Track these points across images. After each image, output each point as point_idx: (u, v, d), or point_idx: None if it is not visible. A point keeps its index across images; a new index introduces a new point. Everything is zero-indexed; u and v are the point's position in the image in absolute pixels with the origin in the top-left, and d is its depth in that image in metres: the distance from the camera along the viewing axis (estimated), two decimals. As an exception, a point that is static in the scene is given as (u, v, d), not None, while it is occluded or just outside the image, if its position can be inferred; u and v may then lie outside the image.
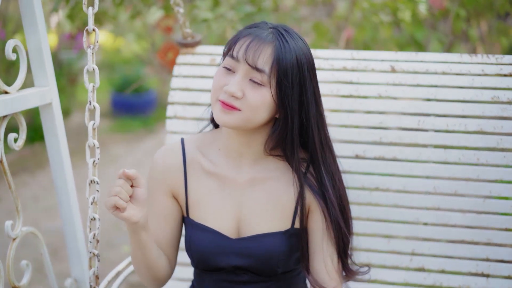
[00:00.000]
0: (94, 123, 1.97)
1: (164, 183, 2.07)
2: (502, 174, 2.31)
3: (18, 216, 2.19)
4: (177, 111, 2.56)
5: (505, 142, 2.30)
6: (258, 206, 2.00)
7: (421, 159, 2.37)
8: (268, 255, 1.98)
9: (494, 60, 2.37)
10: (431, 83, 2.38)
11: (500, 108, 2.31)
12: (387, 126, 2.39)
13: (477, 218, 2.34)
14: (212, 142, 2.07)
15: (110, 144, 7.60)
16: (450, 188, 2.35)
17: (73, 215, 2.42)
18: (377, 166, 2.40)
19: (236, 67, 1.88)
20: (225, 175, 2.02)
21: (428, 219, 2.38)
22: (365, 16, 3.83)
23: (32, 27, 2.22)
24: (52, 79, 2.29)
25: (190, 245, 2.03)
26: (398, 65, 2.42)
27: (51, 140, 2.34)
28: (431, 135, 2.36)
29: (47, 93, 2.26)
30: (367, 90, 2.41)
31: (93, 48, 1.93)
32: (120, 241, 4.68)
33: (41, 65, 2.26)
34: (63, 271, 2.60)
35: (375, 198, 2.41)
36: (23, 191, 5.55)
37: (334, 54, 2.50)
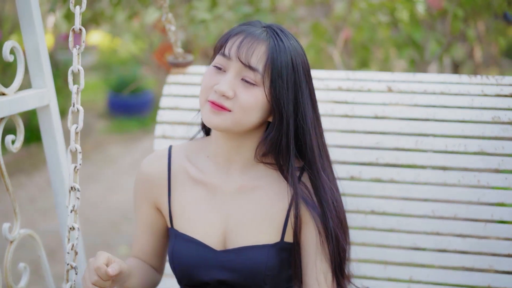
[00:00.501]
0: (77, 126, 1.88)
1: (147, 194, 2.00)
2: (504, 197, 2.21)
3: (16, 218, 2.17)
4: (166, 131, 2.47)
5: (507, 164, 2.21)
6: (246, 216, 1.90)
7: (419, 181, 2.28)
8: (254, 270, 1.86)
9: (494, 81, 2.30)
10: (429, 103, 2.30)
11: (501, 128, 2.23)
12: (384, 146, 2.30)
13: (478, 244, 2.23)
14: (201, 149, 1.99)
15: (107, 144, 7.67)
16: (450, 211, 2.25)
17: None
18: (373, 188, 2.30)
19: (227, 65, 1.80)
20: (213, 183, 1.93)
21: (426, 244, 2.27)
22: (363, 17, 3.79)
23: (29, 28, 2.19)
24: (50, 81, 2.26)
25: (173, 257, 1.93)
26: (395, 85, 2.35)
27: (48, 142, 2.30)
28: (429, 156, 2.27)
29: (44, 94, 2.23)
30: (363, 110, 2.34)
31: (79, 48, 1.87)
32: (118, 242, 4.68)
33: (39, 67, 2.23)
34: (61, 272, 2.55)
35: (370, 222, 2.30)
36: (20, 192, 5.60)
37: (329, 75, 2.44)
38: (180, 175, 1.97)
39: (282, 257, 1.89)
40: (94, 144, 7.73)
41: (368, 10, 3.71)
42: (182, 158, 1.99)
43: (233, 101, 1.78)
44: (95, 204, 5.60)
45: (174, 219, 1.96)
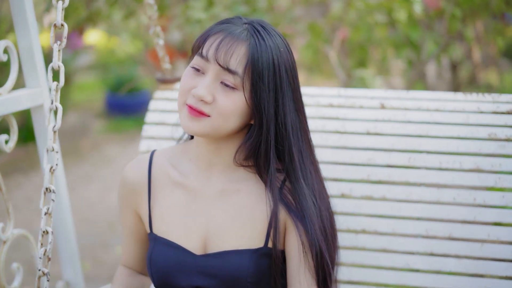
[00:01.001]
0: (54, 125, 1.81)
1: (129, 200, 1.94)
2: (501, 215, 2.12)
3: (9, 218, 2.15)
4: (151, 146, 2.40)
5: (504, 181, 2.13)
6: (228, 220, 1.81)
7: (412, 199, 2.19)
8: (235, 275, 1.77)
9: (490, 98, 2.24)
10: (423, 120, 2.23)
11: (498, 145, 2.15)
12: (376, 163, 2.22)
13: (474, 265, 2.13)
14: (184, 152, 1.92)
15: (104, 144, 7.63)
16: (444, 231, 2.16)
17: (65, 217, 2.38)
18: (364, 206, 2.22)
19: (205, 67, 1.73)
20: (194, 186, 1.85)
21: (419, 265, 2.17)
22: (360, 17, 3.76)
23: (23, 28, 2.18)
24: (44, 81, 2.23)
25: (151, 261, 1.84)
26: (388, 102, 2.28)
27: (42, 142, 2.29)
28: (423, 173, 2.19)
29: (38, 94, 2.21)
30: (354, 126, 2.27)
31: (59, 44, 1.81)
32: (114, 242, 4.61)
33: (33, 66, 2.22)
34: (57, 272, 2.50)
35: (361, 241, 2.21)
36: (17, 192, 5.51)
37: (320, 91, 2.38)
38: (161, 179, 1.90)
39: (265, 263, 1.79)
40: (91, 144, 7.74)
41: (365, 10, 3.69)
42: (164, 162, 1.92)
43: (212, 106, 1.71)
44: (92, 204, 5.60)
45: (154, 224, 1.88)
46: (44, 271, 1.78)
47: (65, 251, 2.40)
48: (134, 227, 1.97)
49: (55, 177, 2.23)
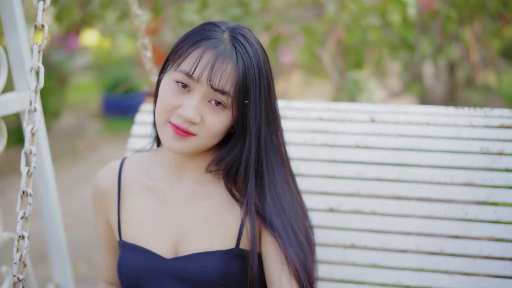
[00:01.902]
0: (33, 127, 1.77)
1: (101, 208, 1.92)
2: (493, 230, 2.07)
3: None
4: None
5: (496, 195, 2.08)
6: (198, 223, 1.77)
7: (403, 213, 2.14)
8: (206, 278, 1.72)
9: (482, 113, 2.20)
10: (414, 133, 2.19)
11: (490, 159, 2.11)
12: (366, 177, 2.17)
13: (466, 281, 2.07)
14: (155, 156, 1.90)
15: (101, 145, 7.63)
16: (435, 246, 2.11)
17: (55, 220, 2.35)
18: (354, 221, 2.16)
19: (193, 86, 1.68)
20: (164, 190, 1.82)
21: (410, 281, 2.11)
22: (354, 19, 3.72)
23: (12, 31, 2.16)
24: (34, 84, 2.17)
25: (120, 268, 1.80)
26: (378, 116, 2.25)
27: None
28: (413, 187, 2.14)
29: (28, 97, 2.17)
30: (344, 139, 2.22)
31: (39, 46, 1.78)
32: None
33: (22, 70, 2.20)
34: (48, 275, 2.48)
35: (350, 257, 2.15)
36: (12, 193, 5.48)
37: (310, 106, 2.34)
38: (130, 185, 1.87)
39: (237, 265, 1.75)
40: (87, 144, 7.74)
41: (359, 12, 3.67)
42: (134, 167, 1.90)
43: (199, 126, 1.68)
44: (87, 205, 5.58)
45: (123, 230, 1.85)
46: (19, 277, 1.72)
47: (55, 253, 2.37)
48: (108, 235, 1.94)
49: (45, 180, 2.27)
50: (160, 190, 1.83)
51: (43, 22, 1.80)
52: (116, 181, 1.89)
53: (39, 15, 1.80)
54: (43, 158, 2.26)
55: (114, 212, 1.87)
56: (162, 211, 1.81)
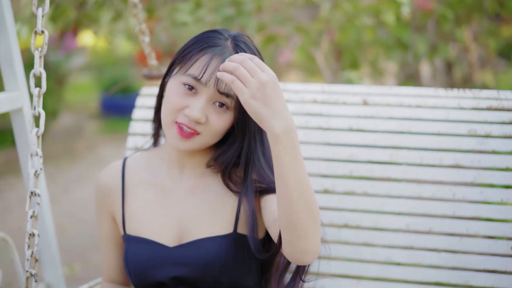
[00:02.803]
0: (38, 130, 1.85)
1: (105, 206, 2.02)
2: (480, 211, 2.17)
3: None
4: (138, 142, 2.45)
5: (483, 177, 2.17)
6: (199, 212, 1.90)
7: (393, 194, 2.24)
8: (208, 261, 1.84)
9: (471, 94, 2.26)
10: (405, 116, 2.27)
11: (478, 141, 2.19)
12: (358, 159, 2.26)
13: (454, 258, 2.18)
14: (156, 153, 2.01)
15: (99, 145, 7.63)
16: (424, 225, 2.21)
17: (46, 220, 2.38)
18: (347, 202, 2.26)
19: (199, 89, 1.78)
20: (166, 184, 1.94)
21: (400, 258, 2.22)
22: (348, 19, 3.77)
23: (1, 32, 2.19)
24: (23, 84, 2.25)
25: (127, 260, 1.92)
26: (370, 98, 2.32)
27: (22, 146, 2.30)
28: (404, 169, 2.23)
29: (17, 98, 2.23)
30: (337, 122, 2.30)
31: (40, 51, 1.85)
32: None
33: (12, 70, 2.23)
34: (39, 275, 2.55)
35: (344, 236, 2.26)
36: (10, 194, 5.50)
37: (304, 88, 2.41)
38: (133, 181, 1.98)
39: (236, 249, 1.87)
40: (85, 144, 7.73)
41: (352, 12, 3.69)
42: (136, 165, 2.01)
43: (204, 125, 1.79)
44: (85, 205, 5.59)
45: (127, 224, 1.96)
46: (32, 272, 1.82)
47: (46, 254, 2.41)
48: (112, 233, 2.04)
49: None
50: (162, 185, 1.94)
51: (42, 28, 1.86)
52: (120, 179, 1.99)
53: (38, 21, 1.85)
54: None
55: (119, 208, 1.97)
56: (165, 204, 1.92)
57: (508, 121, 2.19)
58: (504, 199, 2.15)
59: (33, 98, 1.84)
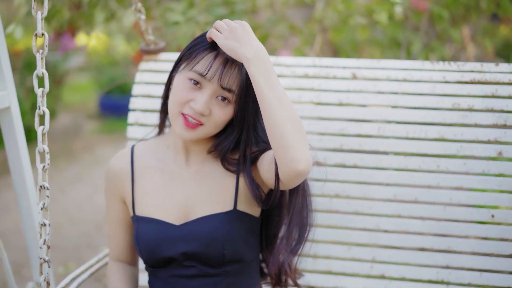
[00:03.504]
0: (43, 128, 1.96)
1: (115, 189, 2.17)
2: (462, 181, 2.30)
3: None
4: (138, 118, 2.57)
5: (465, 149, 2.29)
6: (202, 193, 2.06)
7: (381, 166, 2.36)
8: (212, 236, 2.02)
9: (455, 67, 2.36)
10: (392, 90, 2.37)
11: (461, 115, 2.30)
12: (348, 133, 2.38)
13: (437, 226, 2.33)
14: (162, 141, 2.15)
15: (97, 145, 7.64)
16: (410, 195, 2.34)
17: (34, 219, 2.39)
18: (338, 173, 2.39)
19: (204, 84, 1.94)
20: (172, 169, 2.10)
21: (388, 226, 2.37)
22: (341, 19, 3.81)
23: None
24: (11, 83, 2.28)
25: (137, 239, 2.08)
26: (360, 72, 2.41)
27: (10, 145, 2.32)
28: (391, 143, 2.35)
29: (5, 97, 2.26)
30: (328, 97, 2.41)
31: (42, 53, 1.94)
32: (100, 243, 4.69)
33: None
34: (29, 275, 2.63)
35: (335, 205, 2.40)
36: (7, 193, 5.53)
37: (296, 61, 2.50)
38: (142, 166, 2.13)
39: (237, 224, 2.04)
40: (83, 144, 7.71)
41: (345, 12, 3.71)
42: (144, 151, 2.15)
43: (207, 117, 1.95)
44: (80, 205, 5.63)
45: (136, 206, 2.11)
46: (45, 259, 1.98)
47: (35, 252, 2.40)
48: (122, 215, 2.19)
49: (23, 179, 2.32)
50: (169, 170, 2.09)
51: (43, 31, 1.94)
52: (129, 165, 2.14)
53: (38, 24, 1.94)
54: (21, 160, 2.31)
55: (129, 191, 2.13)
56: (171, 187, 2.08)
57: (490, 95, 2.29)
58: (485, 170, 2.28)
59: (37, 98, 1.94)
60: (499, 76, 2.30)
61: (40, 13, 1.94)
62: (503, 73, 2.31)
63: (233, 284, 2.07)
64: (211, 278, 2.05)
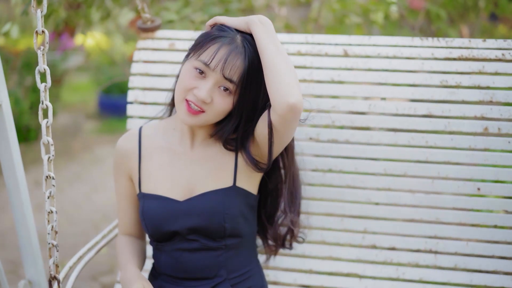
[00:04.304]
0: (47, 121, 2.04)
1: (123, 167, 2.28)
2: (450, 156, 2.39)
3: None
4: (137, 96, 2.63)
5: (453, 125, 2.37)
6: (204, 172, 2.19)
7: (372, 142, 2.45)
8: (213, 210, 2.15)
9: (444, 43, 2.41)
10: (382, 67, 2.43)
11: (448, 92, 2.37)
12: (339, 109, 2.45)
13: (426, 198, 2.43)
14: (169, 123, 2.27)
15: (96, 144, 7.60)
16: (400, 169, 2.44)
17: (26, 217, 2.38)
18: (330, 149, 2.48)
19: (208, 73, 2.04)
20: (178, 150, 2.22)
21: (379, 199, 2.47)
22: (337, 18, 3.83)
23: None
24: (2, 81, 2.29)
25: (143, 214, 2.20)
26: (351, 49, 2.47)
27: (1, 143, 2.32)
28: (381, 119, 2.43)
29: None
30: (320, 74, 2.47)
31: (43, 50, 2.00)
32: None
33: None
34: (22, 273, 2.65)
35: (328, 179, 2.49)
36: (3, 193, 5.52)
37: (289, 38, 2.55)
38: (149, 146, 2.25)
39: (236, 199, 2.18)
40: (82, 144, 7.66)
41: (341, 11, 3.72)
42: (151, 132, 2.27)
43: (209, 105, 2.05)
44: (79, 204, 5.63)
45: (142, 183, 2.23)
46: (53, 243, 2.09)
47: (26, 249, 2.41)
48: (129, 191, 2.30)
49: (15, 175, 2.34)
50: (174, 151, 2.21)
51: (43, 28, 2.00)
52: (137, 144, 2.26)
53: (38, 22, 1.99)
54: (13, 157, 2.31)
55: (135, 170, 2.24)
56: (176, 166, 2.20)
57: (477, 71, 2.36)
58: (472, 145, 2.37)
59: (40, 93, 2.02)
60: (486, 53, 2.37)
61: (40, 11, 1.99)
62: (490, 49, 2.37)
63: (232, 257, 2.20)
64: (212, 252, 2.18)
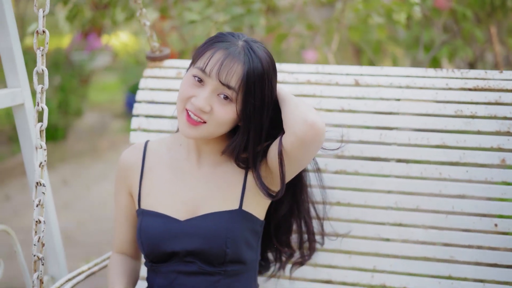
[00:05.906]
0: (41, 125, 1.96)
1: (124, 181, 2.19)
2: (465, 189, 2.27)
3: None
4: (141, 123, 2.57)
5: (468, 157, 2.26)
6: (210, 191, 2.07)
7: (383, 173, 2.34)
8: (215, 233, 2.02)
9: (459, 74, 2.34)
10: (395, 96, 2.35)
11: (463, 122, 2.27)
12: (349, 139, 2.36)
13: (440, 235, 2.29)
14: (175, 139, 2.18)
15: (123, 144, 7.65)
16: (412, 203, 2.31)
17: (49, 213, 2.44)
18: (338, 180, 2.37)
19: (206, 80, 1.96)
20: (183, 167, 2.11)
21: (389, 234, 2.33)
22: (359, 18, 3.82)
23: (3, 30, 2.27)
24: (24, 80, 2.33)
25: (140, 232, 2.08)
26: (362, 79, 2.40)
27: (24, 140, 2.37)
28: (393, 149, 2.33)
29: (18, 94, 2.31)
30: (330, 103, 2.39)
31: (42, 50, 1.95)
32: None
33: (12, 66, 2.31)
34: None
35: (336, 213, 2.37)
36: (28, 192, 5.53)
37: (299, 68, 2.49)
38: (153, 161, 2.15)
39: (240, 223, 2.05)
40: (109, 143, 7.79)
41: (364, 11, 3.72)
42: (157, 147, 2.18)
43: (209, 114, 1.96)
44: (105, 202, 5.66)
45: (142, 199, 2.12)
46: (39, 256, 1.96)
47: (50, 247, 2.47)
48: (128, 207, 2.20)
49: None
50: (179, 168, 2.11)
51: (43, 28, 1.95)
52: (140, 158, 2.17)
53: (40, 22, 1.94)
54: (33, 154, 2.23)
55: (136, 184, 2.14)
56: (180, 184, 2.09)
57: (493, 102, 2.27)
58: (488, 178, 2.24)
59: (36, 95, 1.95)
60: (503, 83, 2.28)
61: (42, 10, 1.95)
62: (507, 80, 2.29)
63: (230, 284, 2.06)
64: (210, 277, 2.05)
